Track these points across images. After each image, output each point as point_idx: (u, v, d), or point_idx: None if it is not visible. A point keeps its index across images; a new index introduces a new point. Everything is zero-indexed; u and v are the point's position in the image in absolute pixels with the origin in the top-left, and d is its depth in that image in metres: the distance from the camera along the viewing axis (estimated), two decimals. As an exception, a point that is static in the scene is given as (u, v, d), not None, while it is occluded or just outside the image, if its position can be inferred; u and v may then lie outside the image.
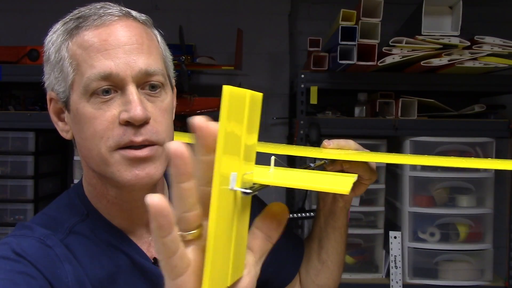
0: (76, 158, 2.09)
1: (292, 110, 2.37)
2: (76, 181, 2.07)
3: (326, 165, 0.83)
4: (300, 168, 0.68)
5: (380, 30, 1.81)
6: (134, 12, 0.75)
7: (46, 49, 0.74)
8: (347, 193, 0.41)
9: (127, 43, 0.69)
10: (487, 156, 1.95)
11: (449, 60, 1.81)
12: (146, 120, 0.68)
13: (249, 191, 0.39)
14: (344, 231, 0.94)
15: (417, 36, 1.80)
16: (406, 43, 1.82)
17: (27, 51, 2.07)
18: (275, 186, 0.43)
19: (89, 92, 0.68)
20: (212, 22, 2.49)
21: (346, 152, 0.83)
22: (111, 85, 0.68)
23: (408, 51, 1.82)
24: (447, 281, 1.96)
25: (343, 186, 0.42)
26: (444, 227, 1.97)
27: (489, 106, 2.07)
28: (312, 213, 1.84)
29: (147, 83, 0.71)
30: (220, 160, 0.36)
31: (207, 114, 2.08)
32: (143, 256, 0.77)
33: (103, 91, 0.68)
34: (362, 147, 0.87)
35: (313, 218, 0.99)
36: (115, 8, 0.72)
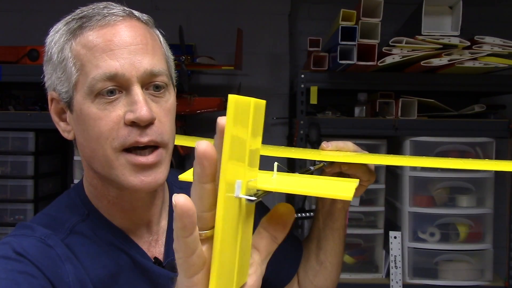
0: (76, 158, 2.09)
1: (292, 110, 2.37)
2: (76, 181, 2.08)
3: (325, 167, 0.83)
4: (300, 172, 0.68)
5: (380, 30, 1.81)
6: (137, 12, 0.75)
7: (48, 49, 0.74)
8: (351, 199, 0.41)
9: (132, 44, 0.69)
10: (487, 156, 1.96)
11: (449, 60, 1.81)
12: (152, 121, 0.69)
13: (253, 198, 0.40)
14: (343, 232, 0.94)
15: (417, 36, 1.80)
16: (406, 43, 1.82)
17: (27, 51, 2.07)
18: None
19: (94, 93, 0.68)
20: (212, 22, 2.49)
21: (344, 154, 0.83)
22: (116, 85, 0.68)
23: (408, 51, 1.82)
24: (447, 281, 1.96)
25: (345, 192, 0.42)
26: (444, 227, 1.97)
27: (489, 106, 2.07)
28: (311, 213, 1.84)
29: (151, 83, 0.71)
30: (226, 168, 0.36)
31: (207, 114, 2.07)
32: (144, 255, 0.77)
33: (108, 91, 0.68)
34: (361, 149, 0.87)
35: (310, 220, 1.00)
36: (118, 8, 0.72)
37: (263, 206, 0.91)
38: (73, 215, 0.75)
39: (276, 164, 0.47)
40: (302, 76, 1.98)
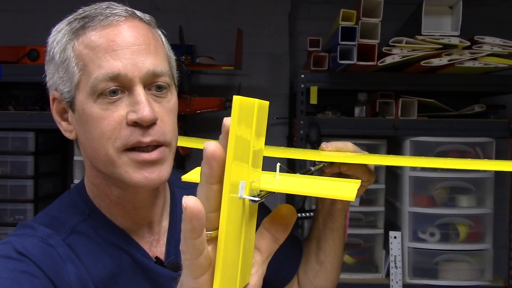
0: (76, 158, 2.09)
1: (292, 110, 2.37)
2: (76, 181, 2.08)
3: (325, 167, 0.83)
4: (301, 172, 0.69)
5: (380, 30, 1.81)
6: (139, 12, 0.75)
7: (50, 48, 0.73)
8: (353, 200, 0.41)
9: (134, 44, 0.69)
10: (487, 156, 1.96)
11: (449, 60, 1.82)
12: (154, 121, 0.69)
13: (257, 199, 0.40)
14: (342, 233, 0.94)
15: (417, 36, 1.80)
16: (406, 43, 1.82)
17: (27, 51, 2.07)
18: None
19: (96, 93, 0.68)
20: (212, 22, 2.49)
21: (344, 154, 0.83)
22: (119, 85, 0.68)
23: (408, 51, 1.82)
24: (447, 281, 1.96)
25: (348, 193, 0.42)
26: (444, 227, 1.98)
27: (489, 106, 2.07)
28: (311, 213, 1.84)
29: (153, 83, 0.71)
30: (230, 169, 0.37)
31: (207, 114, 2.07)
32: (145, 255, 0.77)
33: (111, 91, 0.68)
34: (360, 149, 0.87)
35: (310, 220, 1.00)
36: (121, 8, 0.72)
37: (264, 206, 0.91)
38: (74, 215, 0.75)
39: (278, 165, 0.47)
40: (302, 76, 1.98)
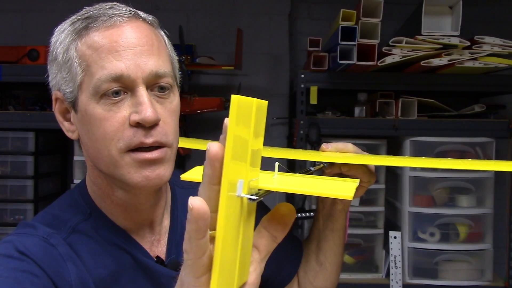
0: (76, 158, 2.09)
1: (292, 110, 2.37)
2: (76, 181, 2.08)
3: (325, 168, 0.83)
4: (301, 172, 0.69)
5: (380, 30, 1.81)
6: (142, 13, 0.75)
7: (52, 49, 0.74)
8: (351, 199, 0.42)
9: (137, 45, 0.69)
10: (487, 156, 1.96)
11: (449, 60, 1.81)
12: (156, 122, 0.69)
13: (255, 197, 0.40)
14: (343, 234, 0.94)
15: (417, 36, 1.80)
16: (406, 43, 1.82)
17: (27, 51, 2.07)
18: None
19: (99, 93, 0.68)
20: (212, 22, 2.49)
21: (344, 155, 0.83)
22: (122, 86, 0.68)
23: (408, 51, 1.82)
24: (447, 281, 1.96)
25: (346, 192, 0.42)
26: (444, 227, 1.97)
27: (489, 106, 2.07)
28: (312, 213, 1.84)
29: (156, 84, 0.71)
30: (228, 167, 0.37)
31: (207, 114, 2.06)
32: (146, 255, 0.77)
33: (114, 92, 0.68)
34: (361, 150, 0.87)
35: (310, 220, 1.00)
36: (124, 9, 0.72)
37: (263, 205, 0.91)
38: (75, 214, 0.76)
39: (277, 164, 0.47)
40: (302, 76, 1.98)
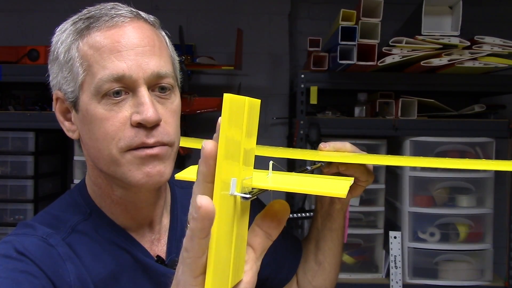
0: (76, 158, 2.09)
1: (292, 110, 2.37)
2: (76, 181, 2.08)
3: (322, 167, 0.83)
4: (297, 171, 0.68)
5: (380, 30, 1.81)
6: (143, 13, 0.75)
7: (54, 48, 0.74)
8: (344, 196, 0.42)
9: (139, 45, 0.69)
10: (487, 156, 1.96)
11: (449, 60, 1.82)
12: (158, 122, 0.69)
13: (248, 196, 0.40)
14: (341, 233, 0.94)
15: (417, 36, 1.80)
16: (406, 43, 1.82)
17: (27, 51, 2.07)
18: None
19: (100, 93, 0.68)
20: (212, 22, 2.49)
21: (342, 154, 0.83)
22: (123, 86, 0.68)
23: (408, 51, 1.82)
24: (447, 281, 1.96)
25: (340, 190, 0.42)
26: (444, 227, 1.97)
27: (489, 106, 2.07)
28: (311, 213, 1.84)
29: (157, 85, 0.71)
30: (221, 166, 0.37)
31: (207, 114, 2.06)
32: (146, 254, 0.77)
33: (115, 92, 0.68)
34: (359, 149, 0.87)
35: (310, 220, 1.00)
36: (125, 9, 0.72)
37: (261, 204, 0.91)
38: (75, 214, 0.76)
39: (271, 163, 0.47)
40: (302, 76, 1.98)
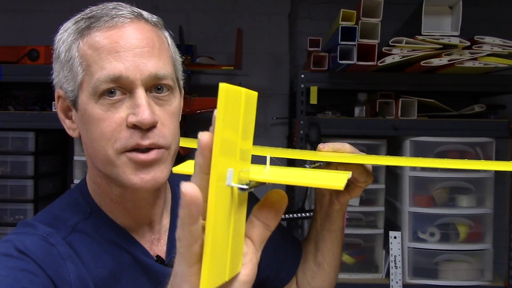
0: (76, 158, 2.09)
1: (292, 110, 2.37)
2: (76, 181, 2.08)
3: (321, 167, 0.83)
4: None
5: (380, 30, 1.81)
6: (146, 13, 0.74)
7: (56, 47, 0.74)
8: (341, 188, 0.41)
9: (138, 46, 0.69)
10: (487, 156, 1.96)
11: (449, 60, 1.82)
12: (154, 124, 0.69)
13: (245, 187, 0.40)
14: (340, 234, 0.94)
15: (417, 36, 1.80)
16: (406, 43, 1.82)
17: (27, 51, 2.07)
18: (275, 185, 0.43)
19: (98, 94, 0.68)
20: (212, 22, 2.50)
21: (341, 155, 0.83)
22: (120, 87, 0.68)
23: (408, 51, 1.82)
24: (447, 281, 1.96)
25: (337, 182, 0.42)
26: (444, 227, 1.97)
27: (489, 106, 2.07)
28: (311, 213, 1.84)
29: (155, 86, 0.71)
30: (217, 156, 0.37)
31: (207, 114, 2.06)
32: (146, 254, 0.77)
33: (109, 91, 0.68)
34: (358, 150, 0.87)
35: (310, 220, 1.00)
36: (127, 10, 0.72)
37: (257, 200, 0.91)
38: (75, 214, 0.76)
39: (269, 156, 0.47)
40: (302, 76, 1.98)
